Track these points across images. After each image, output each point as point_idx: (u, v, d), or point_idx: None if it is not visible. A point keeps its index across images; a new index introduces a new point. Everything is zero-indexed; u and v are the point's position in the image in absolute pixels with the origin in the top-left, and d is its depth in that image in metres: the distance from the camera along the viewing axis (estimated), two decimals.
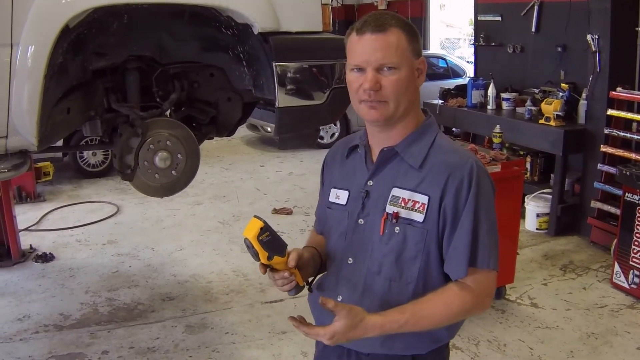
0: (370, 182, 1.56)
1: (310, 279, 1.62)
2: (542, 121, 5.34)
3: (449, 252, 1.47)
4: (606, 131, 4.83)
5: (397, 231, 1.49)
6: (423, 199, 1.47)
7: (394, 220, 1.49)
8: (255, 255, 1.47)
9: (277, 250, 1.47)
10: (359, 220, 1.56)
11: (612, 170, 4.73)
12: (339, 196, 1.63)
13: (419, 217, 1.47)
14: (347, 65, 1.52)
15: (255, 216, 1.48)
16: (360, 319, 1.41)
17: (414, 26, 1.52)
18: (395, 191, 1.51)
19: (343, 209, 1.61)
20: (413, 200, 1.48)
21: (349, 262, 1.57)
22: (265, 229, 1.45)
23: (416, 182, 1.49)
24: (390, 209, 1.50)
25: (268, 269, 1.52)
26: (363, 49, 1.46)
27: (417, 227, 1.47)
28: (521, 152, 5.90)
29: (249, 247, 1.46)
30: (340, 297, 1.55)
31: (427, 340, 1.54)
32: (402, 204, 1.49)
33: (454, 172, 1.46)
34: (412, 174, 1.50)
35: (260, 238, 1.45)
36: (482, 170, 1.49)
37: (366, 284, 1.53)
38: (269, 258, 1.46)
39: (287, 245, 1.50)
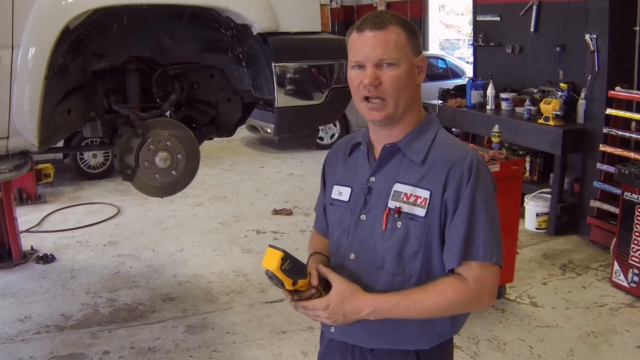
0: (372, 179, 1.58)
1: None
2: (541, 121, 5.35)
3: (446, 242, 1.49)
4: (605, 130, 4.85)
5: (399, 226, 1.51)
6: (425, 193, 1.49)
7: (396, 215, 1.51)
8: (281, 284, 1.48)
9: (299, 274, 1.49)
10: (361, 216, 1.58)
11: (611, 169, 4.74)
12: (342, 193, 1.65)
13: (421, 211, 1.49)
14: (348, 63, 1.54)
15: (270, 246, 1.49)
16: (354, 291, 1.48)
17: (414, 25, 1.54)
18: (398, 186, 1.52)
19: (346, 206, 1.63)
20: (415, 196, 1.50)
21: (351, 257, 1.59)
22: (286, 257, 1.46)
23: (418, 177, 1.50)
24: (392, 204, 1.52)
25: (294, 293, 1.52)
26: (363, 45, 1.48)
27: (419, 222, 1.49)
28: (520, 152, 5.91)
29: (272, 277, 1.47)
30: None
31: (430, 335, 1.55)
32: (405, 199, 1.50)
33: (454, 167, 1.47)
34: (414, 169, 1.51)
35: (283, 267, 1.46)
36: (482, 164, 1.51)
37: (369, 279, 1.54)
38: (294, 284, 1.48)
39: (306, 265, 1.52)
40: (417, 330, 1.54)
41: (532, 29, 6.14)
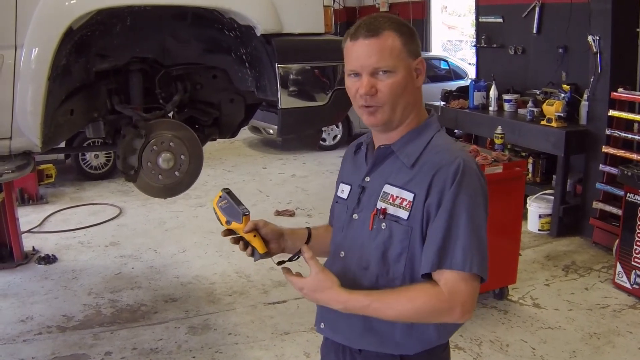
0: (367, 178, 1.58)
1: (287, 259, 1.69)
2: (543, 122, 5.34)
3: (424, 246, 1.46)
4: (607, 132, 4.84)
5: (383, 227, 1.50)
6: (409, 196, 1.47)
7: (382, 217, 1.50)
8: (218, 220, 1.65)
9: (234, 216, 1.61)
10: (354, 215, 1.59)
11: (613, 170, 4.73)
12: (343, 190, 1.67)
13: (404, 214, 1.47)
14: (345, 71, 1.53)
15: (223, 188, 1.68)
16: (328, 285, 1.46)
17: (411, 27, 1.51)
18: (387, 188, 1.52)
19: (344, 203, 1.65)
20: (401, 198, 1.48)
21: (341, 255, 1.60)
22: (223, 197, 1.64)
23: (406, 179, 1.49)
24: (379, 204, 1.52)
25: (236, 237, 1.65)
26: (357, 54, 1.47)
27: (402, 225, 1.48)
28: (523, 153, 5.90)
29: (214, 212, 1.65)
30: None
31: (414, 340, 1.53)
32: (391, 201, 1.50)
33: (440, 170, 1.44)
34: (404, 172, 1.50)
35: (220, 205, 1.64)
36: (470, 170, 1.46)
37: (355, 278, 1.54)
38: (227, 222, 1.63)
39: (244, 214, 1.61)
40: (401, 335, 1.52)
41: (534, 31, 6.13)
